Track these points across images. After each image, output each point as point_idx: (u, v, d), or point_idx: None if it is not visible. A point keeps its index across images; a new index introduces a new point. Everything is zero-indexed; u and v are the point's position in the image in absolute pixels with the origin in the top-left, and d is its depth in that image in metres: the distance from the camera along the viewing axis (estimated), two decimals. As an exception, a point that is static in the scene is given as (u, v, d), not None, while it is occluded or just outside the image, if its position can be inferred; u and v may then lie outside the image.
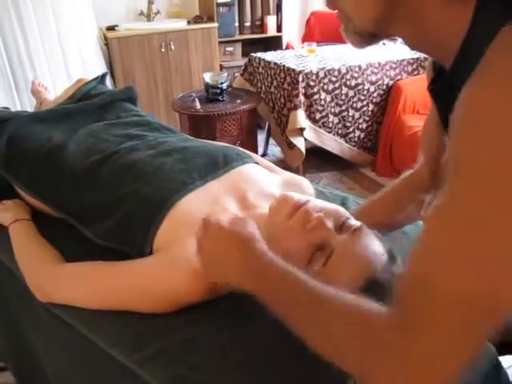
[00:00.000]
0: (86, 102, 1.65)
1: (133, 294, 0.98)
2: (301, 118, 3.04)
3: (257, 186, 1.16)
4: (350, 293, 0.63)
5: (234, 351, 0.88)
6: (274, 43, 4.46)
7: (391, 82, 3.23)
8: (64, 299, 1.04)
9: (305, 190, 1.24)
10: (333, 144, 3.25)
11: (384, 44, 3.28)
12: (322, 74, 3.04)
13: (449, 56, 0.64)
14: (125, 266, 1.03)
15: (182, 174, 1.15)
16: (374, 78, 3.17)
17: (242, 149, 1.36)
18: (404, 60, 3.24)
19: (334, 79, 3.09)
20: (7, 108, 1.94)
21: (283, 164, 3.14)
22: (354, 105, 3.22)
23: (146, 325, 0.95)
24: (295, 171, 2.59)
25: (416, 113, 3.17)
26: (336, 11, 0.70)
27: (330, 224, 0.88)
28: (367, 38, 0.70)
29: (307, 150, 3.17)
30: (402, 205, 1.06)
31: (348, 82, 3.14)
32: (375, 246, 0.89)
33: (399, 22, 0.66)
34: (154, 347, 0.89)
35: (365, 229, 0.90)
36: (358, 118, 3.28)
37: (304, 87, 3.03)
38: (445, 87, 0.68)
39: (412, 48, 0.71)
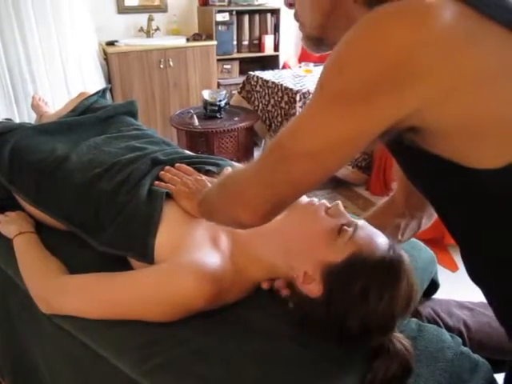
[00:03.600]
0: (89, 116, 1.67)
1: (140, 303, 0.99)
2: (297, 136, 3.06)
3: None
4: None
5: (241, 363, 0.89)
6: (271, 62, 4.53)
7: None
8: (69, 310, 1.04)
9: None
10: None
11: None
12: (318, 94, 3.08)
13: None
14: (130, 275, 1.05)
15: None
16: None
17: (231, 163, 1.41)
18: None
19: (330, 99, 3.13)
20: (10, 119, 1.95)
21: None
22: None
23: (151, 335, 0.96)
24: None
25: (410, 134, 3.21)
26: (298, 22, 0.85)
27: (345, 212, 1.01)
28: (315, 41, 0.84)
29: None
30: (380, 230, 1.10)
31: (344, 103, 3.18)
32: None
33: (337, 30, 0.76)
34: (160, 358, 0.90)
35: None
36: (353, 138, 3.30)
37: (301, 106, 3.07)
38: None
39: None
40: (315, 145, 0.67)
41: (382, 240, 0.95)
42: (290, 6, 0.85)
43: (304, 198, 1.05)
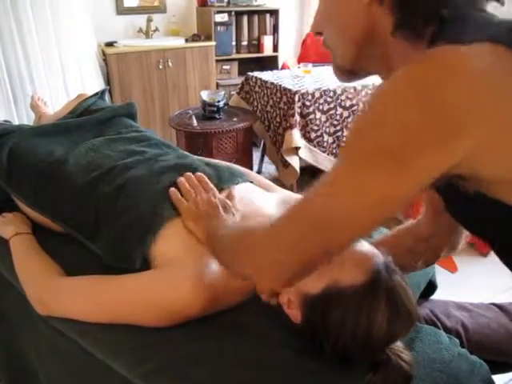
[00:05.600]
0: (87, 117, 1.67)
1: (134, 308, 0.99)
2: (296, 137, 3.07)
3: (252, 207, 1.17)
4: None
5: (236, 367, 0.89)
6: (270, 62, 4.53)
7: (385, 104, 3.28)
8: (65, 313, 1.04)
9: None
10: (327, 163, 3.29)
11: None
12: (317, 95, 3.09)
13: None
14: (126, 279, 1.04)
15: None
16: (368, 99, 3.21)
17: (237, 167, 1.38)
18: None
19: (329, 99, 3.14)
20: (8, 121, 1.95)
21: (277, 182, 3.13)
22: (349, 125, 3.26)
23: (148, 338, 0.95)
24: (289, 190, 2.60)
25: (409, 134, 3.21)
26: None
27: None
28: (346, 73, 0.80)
29: (301, 168, 3.20)
30: (398, 251, 1.03)
31: (343, 103, 3.19)
32: (370, 247, 0.94)
33: (371, 61, 0.75)
34: (156, 361, 0.90)
35: None
36: (352, 139, 3.31)
37: (300, 107, 3.07)
38: None
39: None
40: (354, 209, 0.62)
41: (364, 263, 0.88)
42: (318, 34, 0.81)
43: None
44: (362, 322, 0.84)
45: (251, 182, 1.32)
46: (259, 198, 1.23)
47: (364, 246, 0.93)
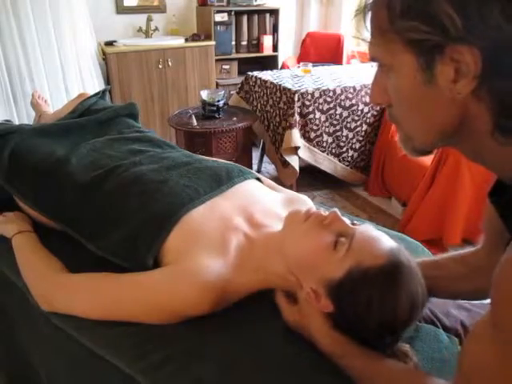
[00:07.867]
0: (88, 117, 1.66)
1: (140, 307, 0.99)
2: (295, 136, 3.08)
3: (261, 205, 1.19)
4: None
5: (238, 362, 0.89)
6: (270, 62, 4.54)
7: (385, 104, 3.28)
8: (69, 309, 1.05)
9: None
10: (326, 163, 3.30)
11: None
12: (317, 94, 3.09)
13: (507, 176, 0.68)
14: (132, 278, 1.04)
15: (187, 189, 1.17)
16: (367, 99, 3.22)
17: (242, 166, 1.39)
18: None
19: (328, 99, 3.14)
20: (9, 121, 1.96)
21: (277, 182, 3.14)
22: (348, 125, 3.27)
23: (148, 333, 0.96)
24: (289, 189, 2.61)
25: (408, 134, 3.22)
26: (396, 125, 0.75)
27: (344, 218, 0.98)
28: (423, 154, 0.75)
29: (301, 168, 3.21)
30: (446, 274, 1.05)
31: (342, 103, 3.19)
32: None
33: (455, 144, 0.72)
34: (157, 356, 0.90)
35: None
36: (352, 138, 3.33)
37: (299, 107, 3.07)
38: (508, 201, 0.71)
39: (469, 160, 0.74)
40: None
41: (382, 246, 0.91)
42: (379, 104, 0.75)
43: (301, 209, 1.03)
44: (388, 299, 0.87)
45: (258, 180, 1.34)
46: (267, 197, 1.25)
47: (375, 231, 0.96)
